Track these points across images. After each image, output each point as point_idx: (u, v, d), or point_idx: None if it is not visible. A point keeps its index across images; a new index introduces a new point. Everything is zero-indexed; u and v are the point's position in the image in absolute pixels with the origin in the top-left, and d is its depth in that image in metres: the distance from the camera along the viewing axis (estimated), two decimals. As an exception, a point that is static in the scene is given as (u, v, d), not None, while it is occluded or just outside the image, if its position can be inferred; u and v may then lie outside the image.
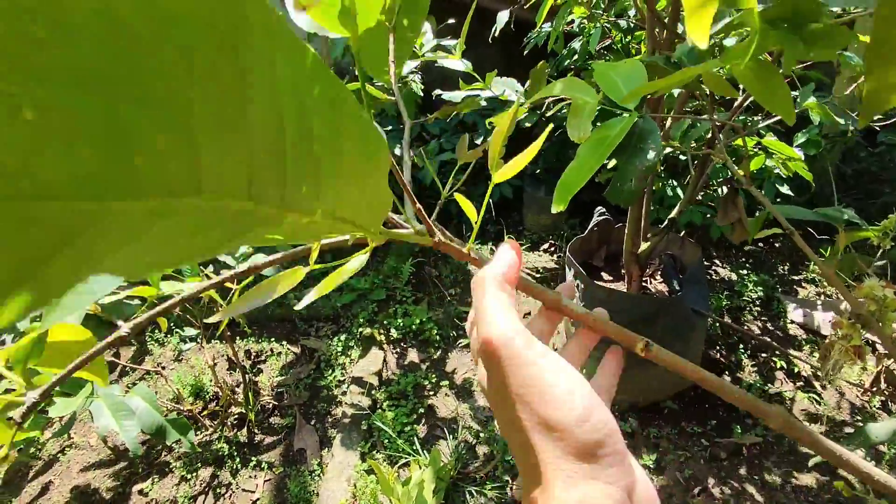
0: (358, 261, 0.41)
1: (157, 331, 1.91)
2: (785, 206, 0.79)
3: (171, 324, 1.87)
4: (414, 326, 1.90)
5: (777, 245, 2.43)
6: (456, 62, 0.89)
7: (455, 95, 0.94)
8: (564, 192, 0.54)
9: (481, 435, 1.51)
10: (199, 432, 1.51)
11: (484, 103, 1.06)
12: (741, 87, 1.01)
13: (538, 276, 2.34)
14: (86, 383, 1.02)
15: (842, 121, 1.29)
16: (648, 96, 0.82)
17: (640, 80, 0.61)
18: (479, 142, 2.47)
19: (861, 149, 2.64)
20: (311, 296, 0.43)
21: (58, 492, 1.36)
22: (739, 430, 1.50)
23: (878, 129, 2.37)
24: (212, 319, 0.46)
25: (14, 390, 0.38)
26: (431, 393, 1.66)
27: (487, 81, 0.91)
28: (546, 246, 2.54)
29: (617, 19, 1.79)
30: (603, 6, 1.81)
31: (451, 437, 1.50)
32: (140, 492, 1.36)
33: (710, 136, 1.03)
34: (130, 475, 1.40)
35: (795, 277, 2.20)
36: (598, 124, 0.60)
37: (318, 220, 0.18)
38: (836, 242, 0.80)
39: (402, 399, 1.62)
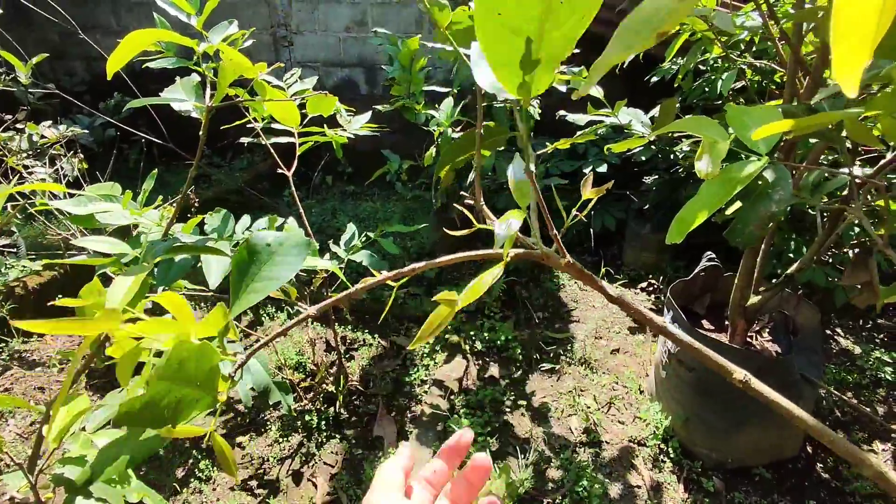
0: (492, 274, 0.47)
1: (270, 304, 2.12)
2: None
3: (283, 302, 2.07)
4: (499, 342, 1.94)
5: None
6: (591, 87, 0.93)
7: (579, 118, 0.98)
8: (682, 227, 0.56)
9: (553, 461, 1.50)
10: (294, 402, 1.66)
11: (601, 130, 1.10)
12: (893, 143, 0.95)
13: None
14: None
15: None
16: (781, 143, 0.80)
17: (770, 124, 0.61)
18: (587, 170, 2.47)
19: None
20: (458, 303, 0.49)
21: (174, 430, 1.57)
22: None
23: None
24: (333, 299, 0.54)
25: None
26: (508, 410, 1.69)
27: (616, 109, 0.94)
28: (644, 284, 2.47)
29: (755, 60, 1.73)
30: (742, 47, 1.76)
31: (522, 456, 1.51)
32: (239, 444, 1.52)
33: (846, 191, 0.98)
34: (235, 427, 1.58)
35: (934, 362, 1.94)
36: (725, 165, 0.62)
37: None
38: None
39: (478, 410, 1.66)
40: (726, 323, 1.65)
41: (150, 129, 2.54)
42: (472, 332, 1.98)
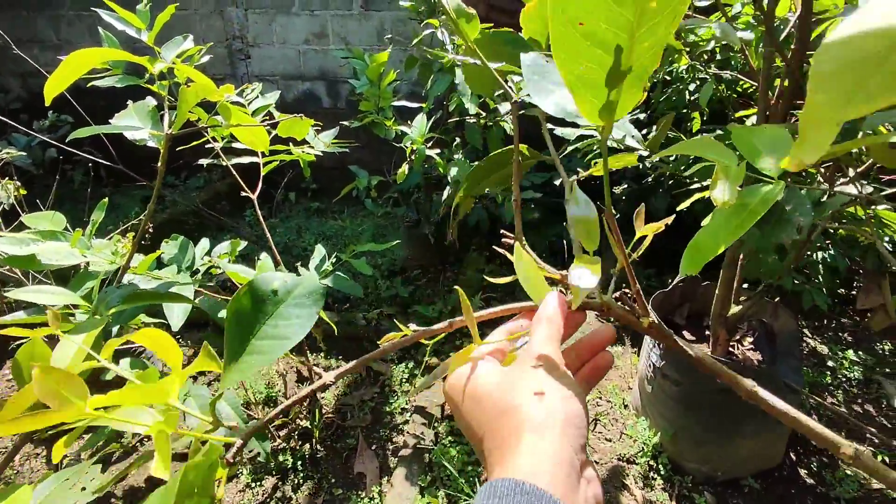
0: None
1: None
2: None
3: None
4: (479, 362, 1.88)
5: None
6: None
7: (568, 132, 0.94)
8: (697, 256, 0.52)
9: (543, 486, 1.45)
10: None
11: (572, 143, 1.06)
12: None
13: (609, 323, 2.26)
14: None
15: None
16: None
17: (785, 147, 0.58)
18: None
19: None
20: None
21: (135, 480, 1.43)
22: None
23: None
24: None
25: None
26: (493, 433, 1.63)
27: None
28: (618, 294, 2.46)
29: (719, 71, 1.75)
30: (706, 57, 1.78)
31: (511, 483, 1.45)
32: (207, 493, 1.40)
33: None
34: (199, 475, 1.45)
35: (886, 349, 2.01)
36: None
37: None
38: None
39: (464, 437, 1.59)
40: (707, 332, 1.65)
41: (95, 149, 2.37)
42: (451, 353, 1.91)
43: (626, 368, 1.96)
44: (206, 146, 1.24)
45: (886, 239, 1.67)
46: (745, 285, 1.52)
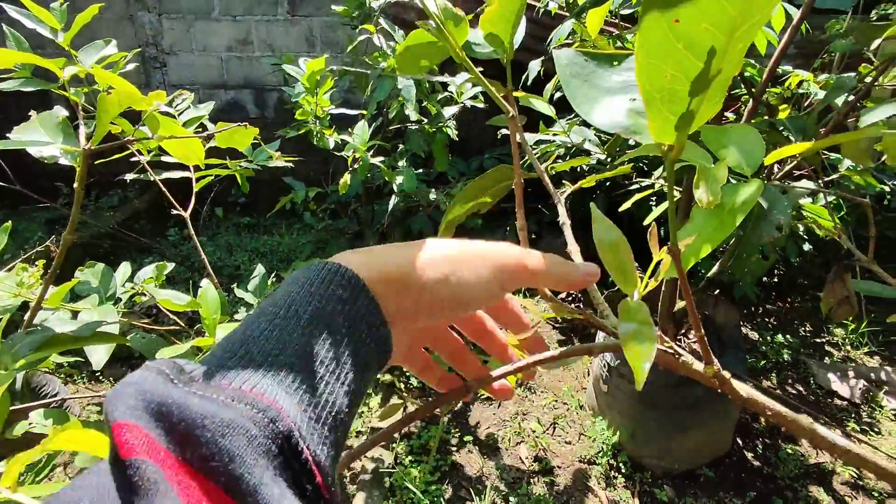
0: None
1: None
2: (865, 281, 0.76)
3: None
4: (434, 375, 1.82)
5: (797, 304, 2.41)
6: (542, 104, 0.86)
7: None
8: (684, 263, 0.51)
9: (511, 498, 1.42)
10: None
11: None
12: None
13: (557, 325, 2.29)
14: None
15: (886, 187, 1.29)
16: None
17: (755, 145, 0.58)
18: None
19: (875, 213, 2.67)
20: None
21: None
22: (781, 504, 1.42)
23: (888, 194, 2.41)
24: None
25: None
26: (455, 448, 1.58)
27: (569, 128, 0.89)
28: (564, 295, 2.50)
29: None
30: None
31: (478, 498, 1.41)
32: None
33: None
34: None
35: (818, 340, 2.17)
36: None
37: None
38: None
39: (424, 454, 1.53)
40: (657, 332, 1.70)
41: (-13, 169, 2.10)
42: (405, 369, 1.84)
43: (579, 368, 1.98)
44: (127, 160, 1.11)
45: (802, 228, 1.78)
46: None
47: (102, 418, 0.19)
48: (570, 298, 2.45)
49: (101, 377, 1.82)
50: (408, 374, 1.83)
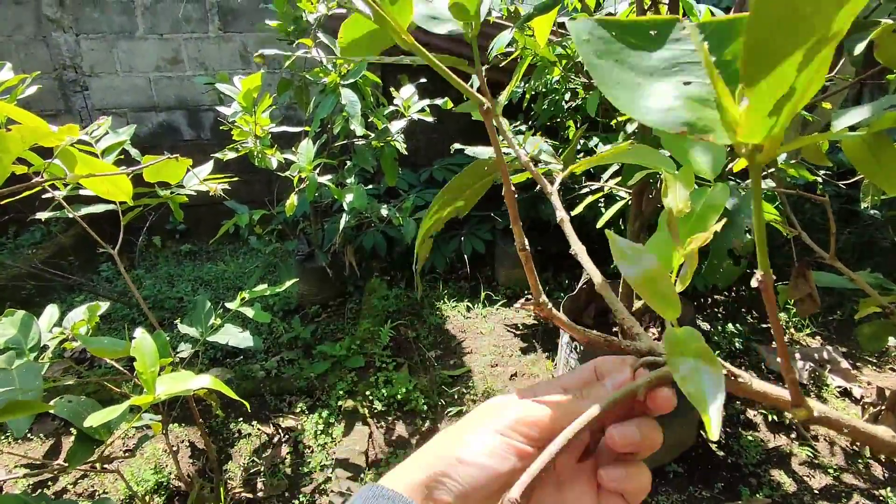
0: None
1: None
2: (823, 273, 0.78)
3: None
4: (399, 395, 1.77)
5: (742, 293, 2.51)
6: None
7: (480, 151, 0.89)
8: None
9: (486, 517, 1.38)
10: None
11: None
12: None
13: (518, 332, 2.28)
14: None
15: (818, 178, 1.36)
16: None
17: (717, 149, 0.57)
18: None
19: (805, 200, 2.83)
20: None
21: None
22: (747, 492, 1.46)
23: (820, 181, 2.57)
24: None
25: None
26: (426, 471, 1.52)
27: (525, 139, 0.87)
28: (522, 301, 2.50)
29: (589, 80, 1.85)
30: (576, 68, 1.87)
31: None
32: None
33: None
34: None
35: (765, 326, 2.26)
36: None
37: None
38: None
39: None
40: (614, 329, 1.72)
41: None
42: (367, 392, 1.77)
43: (542, 374, 1.98)
44: (43, 195, 1.01)
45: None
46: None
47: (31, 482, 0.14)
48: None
49: (29, 434, 1.65)
50: (371, 398, 1.76)
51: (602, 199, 2.11)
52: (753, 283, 0.23)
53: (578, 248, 0.37)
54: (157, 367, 0.59)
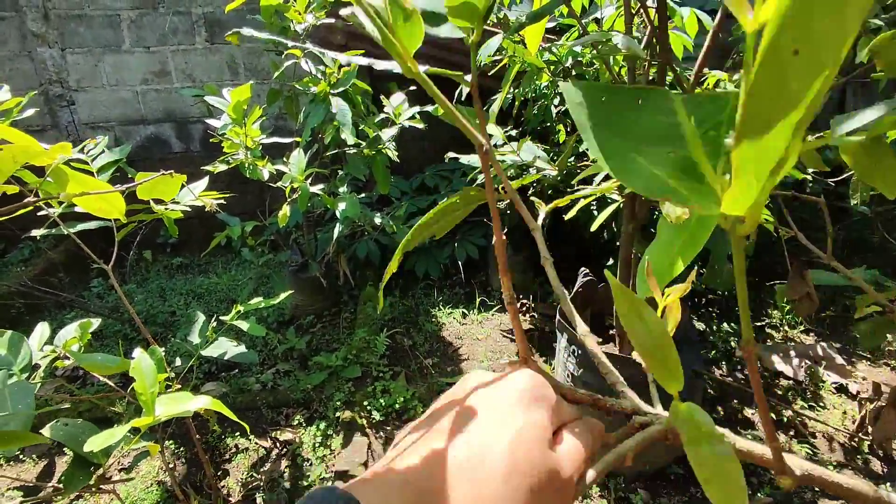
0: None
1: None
2: (820, 272, 0.79)
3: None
4: (397, 405, 1.76)
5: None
6: (491, 126, 0.84)
7: (473, 159, 0.89)
8: (656, 279, 0.49)
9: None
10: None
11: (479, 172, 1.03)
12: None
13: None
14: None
15: (807, 176, 1.38)
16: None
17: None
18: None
19: (794, 197, 2.86)
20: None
21: None
22: (749, 492, 1.46)
23: (810, 179, 2.60)
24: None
25: None
26: (426, 481, 1.51)
27: (519, 146, 0.87)
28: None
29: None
30: (563, 74, 1.88)
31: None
32: None
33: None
34: None
35: (759, 324, 2.28)
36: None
37: None
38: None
39: (395, 492, 1.46)
40: (611, 332, 1.72)
41: None
42: (364, 403, 1.76)
43: (541, 380, 1.97)
44: (36, 211, 0.99)
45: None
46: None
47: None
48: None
49: (21, 455, 1.62)
50: (369, 409, 1.75)
51: (595, 202, 2.13)
52: (738, 353, 0.23)
53: (546, 260, 0.37)
54: (156, 387, 0.58)
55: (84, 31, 2.63)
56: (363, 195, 2.14)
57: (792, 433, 1.68)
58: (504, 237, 0.35)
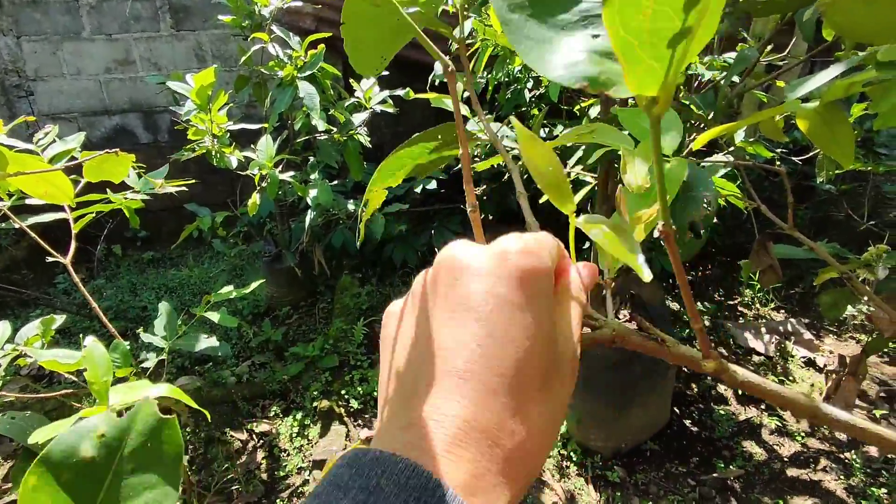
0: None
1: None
2: (784, 245, 0.80)
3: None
4: (375, 393, 1.75)
5: (709, 273, 2.57)
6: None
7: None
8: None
9: None
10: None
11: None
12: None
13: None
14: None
15: (775, 154, 1.39)
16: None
17: (673, 125, 0.57)
18: (417, 189, 2.43)
19: (763, 179, 2.92)
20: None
21: None
22: (721, 465, 1.49)
23: (777, 158, 2.65)
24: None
25: None
26: (405, 467, 1.51)
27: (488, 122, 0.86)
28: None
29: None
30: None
31: None
32: None
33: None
34: None
35: (732, 302, 2.32)
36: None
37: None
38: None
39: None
40: (604, 292, 1.73)
41: None
42: (343, 391, 1.75)
43: (519, 364, 1.98)
44: (-16, 206, 0.95)
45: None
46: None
47: None
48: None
49: (-14, 457, 1.57)
50: (347, 397, 1.73)
51: (571, 185, 2.13)
52: (656, 234, 0.23)
53: (521, 195, 0.37)
54: (109, 376, 0.56)
55: (40, 18, 2.52)
56: (336, 183, 2.11)
57: (763, 406, 1.72)
58: (469, 155, 0.34)
